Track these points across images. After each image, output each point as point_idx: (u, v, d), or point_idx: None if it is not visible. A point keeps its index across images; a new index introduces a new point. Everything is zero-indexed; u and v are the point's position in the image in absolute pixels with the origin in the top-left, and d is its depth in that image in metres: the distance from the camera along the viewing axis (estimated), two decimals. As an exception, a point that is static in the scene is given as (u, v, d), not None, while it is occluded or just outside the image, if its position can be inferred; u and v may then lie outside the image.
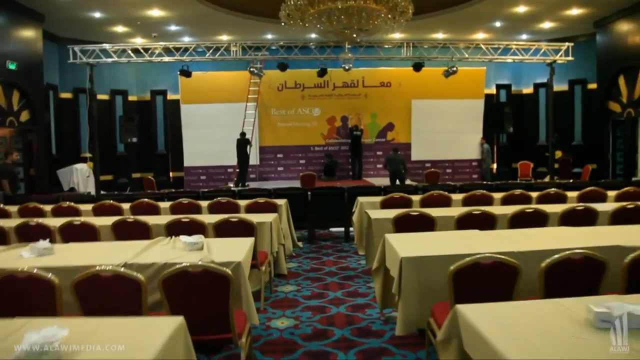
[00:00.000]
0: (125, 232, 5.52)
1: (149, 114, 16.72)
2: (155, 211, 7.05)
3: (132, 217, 5.50)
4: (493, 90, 17.14)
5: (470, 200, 6.98)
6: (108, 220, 5.76)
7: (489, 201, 7.03)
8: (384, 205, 6.87)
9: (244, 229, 5.27)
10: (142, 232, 5.43)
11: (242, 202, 7.21)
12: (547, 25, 14.11)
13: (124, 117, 13.61)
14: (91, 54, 12.42)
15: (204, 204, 7.20)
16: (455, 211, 6.14)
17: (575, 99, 15.93)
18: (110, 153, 15.76)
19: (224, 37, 14.99)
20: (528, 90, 17.13)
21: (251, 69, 13.29)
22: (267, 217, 6.08)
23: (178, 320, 2.60)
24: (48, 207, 7.32)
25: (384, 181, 14.81)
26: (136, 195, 8.57)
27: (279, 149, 16.37)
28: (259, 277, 5.48)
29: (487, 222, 5.32)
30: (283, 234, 7.12)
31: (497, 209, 5.86)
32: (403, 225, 5.36)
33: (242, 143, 14.29)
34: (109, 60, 12.60)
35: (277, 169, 16.42)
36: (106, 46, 12.58)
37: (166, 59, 12.98)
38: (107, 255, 4.23)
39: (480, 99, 16.42)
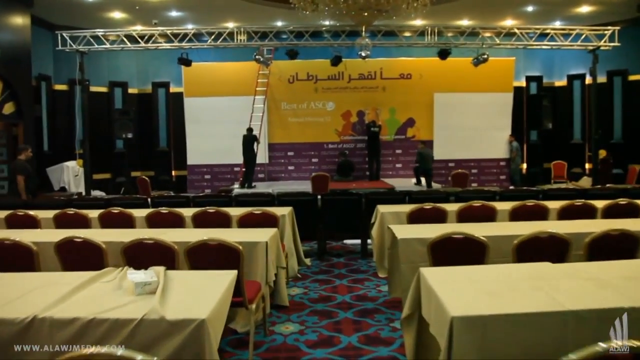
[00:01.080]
0: (71, 255, 4.12)
1: (150, 107, 15.37)
2: (128, 222, 5.66)
3: (81, 236, 4.10)
4: (522, 83, 15.51)
5: (521, 212, 5.49)
6: (58, 235, 4.37)
7: (544, 213, 5.54)
8: (412, 218, 5.40)
9: (224, 257, 3.84)
10: (92, 257, 4.02)
11: (236, 211, 5.81)
12: (584, 9, 12.44)
13: (118, 110, 12.25)
14: (82, 41, 11.09)
15: (190, 212, 5.80)
16: (507, 229, 4.68)
17: (615, 91, 14.24)
18: (107, 150, 14.45)
19: (230, 25, 13.55)
20: (561, 82, 15.47)
21: (256, 57, 11.80)
22: (263, 235, 4.66)
23: None
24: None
25: (404, 182, 13.36)
26: (115, 200, 7.19)
27: (290, 147, 14.93)
28: (248, 317, 4.08)
29: (557, 249, 3.84)
30: (286, 253, 5.70)
31: (561, 227, 4.37)
32: (443, 252, 3.90)
33: (249, 140, 12.87)
34: (101, 47, 11.24)
35: (287, 168, 14.98)
36: (99, 32, 11.22)
37: (165, 46, 11.62)
38: (18, 300, 2.86)
39: (509, 92, 14.80)
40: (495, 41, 11.37)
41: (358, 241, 7.55)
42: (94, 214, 5.85)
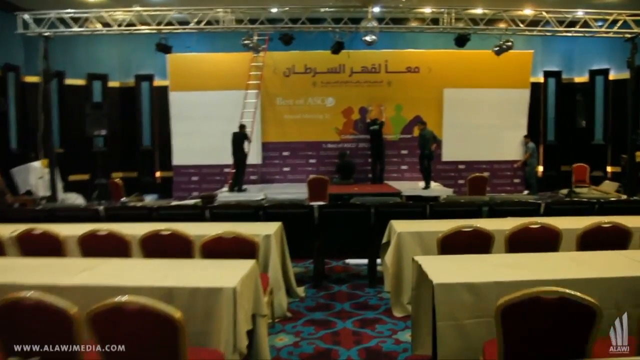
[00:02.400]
0: None
1: (133, 102, 13.71)
2: (56, 249, 4.07)
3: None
4: (540, 79, 13.93)
5: (593, 237, 3.90)
6: None
7: (624, 238, 3.96)
8: (446, 246, 3.80)
9: (152, 329, 2.26)
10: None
11: (208, 229, 4.25)
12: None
13: (91, 104, 10.60)
14: (47, 24, 9.48)
15: (143, 231, 4.21)
16: (603, 269, 3.13)
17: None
18: (85, 148, 12.79)
19: (220, 12, 11.89)
20: (581, 78, 13.86)
21: (245, 42, 10.14)
22: (232, 275, 3.08)
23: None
24: None
25: (410, 186, 11.77)
26: (59, 212, 5.57)
27: (285, 146, 13.30)
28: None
29: None
30: (271, 288, 4.13)
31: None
32: (521, 319, 2.32)
33: (239, 138, 11.28)
34: (68, 31, 9.65)
35: (282, 170, 13.36)
36: (66, 14, 9.60)
37: (143, 30, 9.97)
38: None
39: (525, 88, 13.21)
40: (520, 26, 9.71)
41: (364, 260, 5.97)
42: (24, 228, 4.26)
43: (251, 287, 3.34)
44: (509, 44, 10.17)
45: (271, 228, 4.77)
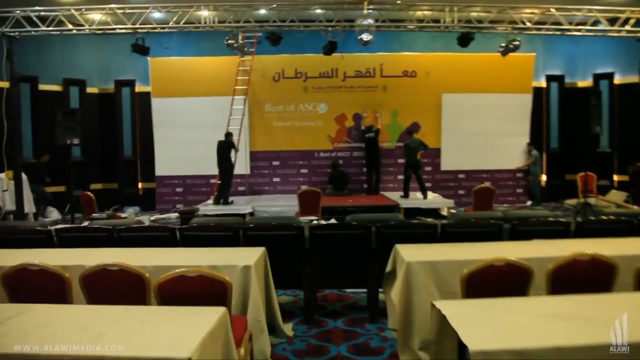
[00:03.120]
0: None
1: (113, 109, 12.78)
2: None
3: None
4: (542, 83, 13.17)
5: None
6: None
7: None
8: (473, 284, 2.93)
9: None
10: None
11: (175, 258, 3.39)
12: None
13: (62, 110, 9.68)
14: (10, 23, 8.59)
15: (95, 261, 3.31)
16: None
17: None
18: (61, 158, 11.83)
19: (204, 13, 11.01)
20: (584, 82, 13.13)
21: (229, 41, 9.26)
22: (188, 339, 2.21)
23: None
24: None
25: (410, 197, 10.94)
26: (5, 233, 4.67)
27: (275, 155, 12.43)
28: None
29: None
30: (249, 334, 3.26)
31: None
32: None
33: (225, 147, 10.41)
34: (33, 31, 8.75)
35: (272, 180, 12.48)
36: (32, 12, 8.70)
37: (118, 30, 9.09)
38: None
39: (527, 93, 12.47)
40: (526, 24, 8.92)
41: (363, 290, 5.11)
42: None
43: (218, 346, 2.47)
44: (516, 43, 9.36)
45: (252, 256, 3.91)
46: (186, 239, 4.63)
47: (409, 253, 3.82)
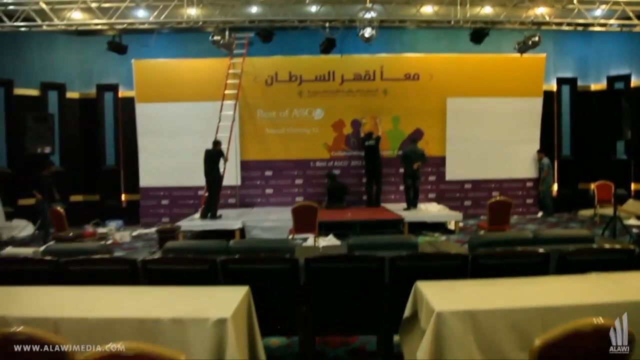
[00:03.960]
0: None
1: (95, 115, 11.85)
2: None
3: None
4: (552, 86, 12.30)
5: None
6: None
7: None
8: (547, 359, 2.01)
9: None
10: None
11: (124, 310, 2.46)
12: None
13: (33, 116, 8.72)
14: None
15: (9, 314, 2.38)
16: None
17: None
18: (39, 169, 10.88)
19: (192, 12, 10.08)
20: (598, 85, 12.27)
21: (215, 38, 8.33)
22: None
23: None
24: None
25: (411, 210, 10.04)
26: None
27: (268, 165, 11.50)
28: None
29: None
30: None
31: None
32: None
33: (213, 156, 9.50)
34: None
35: (264, 192, 11.54)
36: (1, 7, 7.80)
37: (90, 25, 8.16)
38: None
39: (537, 96, 11.60)
40: (546, 19, 8.05)
41: (373, 336, 4.17)
42: None
43: None
44: (535, 39, 8.47)
45: (231, 301, 2.97)
46: (151, 275, 3.69)
47: (436, 297, 2.88)
